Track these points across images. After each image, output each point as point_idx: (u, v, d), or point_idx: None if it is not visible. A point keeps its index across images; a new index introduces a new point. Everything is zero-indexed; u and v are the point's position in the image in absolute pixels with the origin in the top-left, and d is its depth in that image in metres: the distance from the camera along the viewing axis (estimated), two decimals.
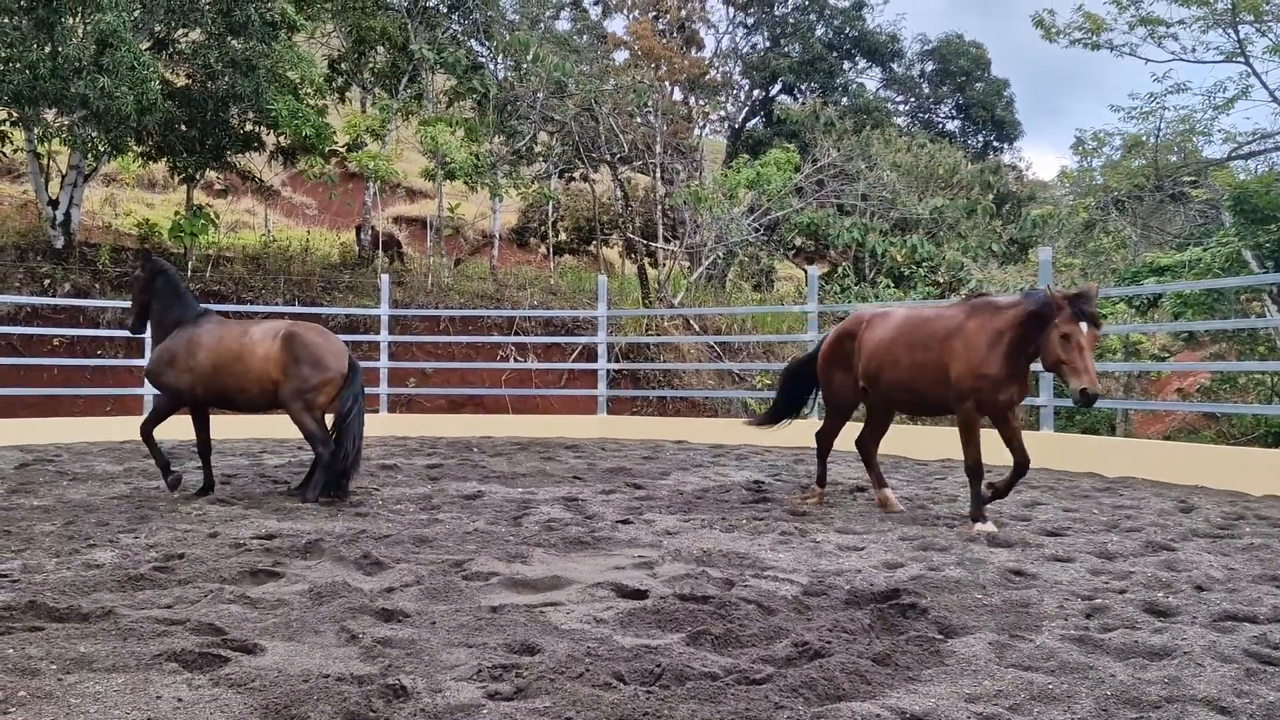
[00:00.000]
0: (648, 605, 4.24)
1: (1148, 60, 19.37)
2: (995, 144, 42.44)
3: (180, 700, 3.02)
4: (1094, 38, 18.96)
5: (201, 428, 7.78)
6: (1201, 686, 3.17)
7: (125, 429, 12.09)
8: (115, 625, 3.85)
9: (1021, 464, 6.54)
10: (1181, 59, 18.52)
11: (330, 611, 4.11)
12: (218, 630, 3.79)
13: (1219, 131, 19.83)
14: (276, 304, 19.83)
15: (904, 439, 11.20)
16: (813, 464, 9.80)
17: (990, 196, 27.65)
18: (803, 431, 12.25)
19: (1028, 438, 10.24)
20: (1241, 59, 17.77)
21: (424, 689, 3.13)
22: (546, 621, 3.98)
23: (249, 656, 3.50)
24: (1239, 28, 17.25)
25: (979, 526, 6.12)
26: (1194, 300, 17.21)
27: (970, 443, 6.59)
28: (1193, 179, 20.46)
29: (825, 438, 7.88)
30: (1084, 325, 5.73)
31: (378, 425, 13.49)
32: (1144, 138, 20.59)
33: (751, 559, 5.21)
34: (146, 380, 7.77)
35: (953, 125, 42.30)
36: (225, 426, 12.90)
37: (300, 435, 7.89)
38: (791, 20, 38.55)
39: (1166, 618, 4.06)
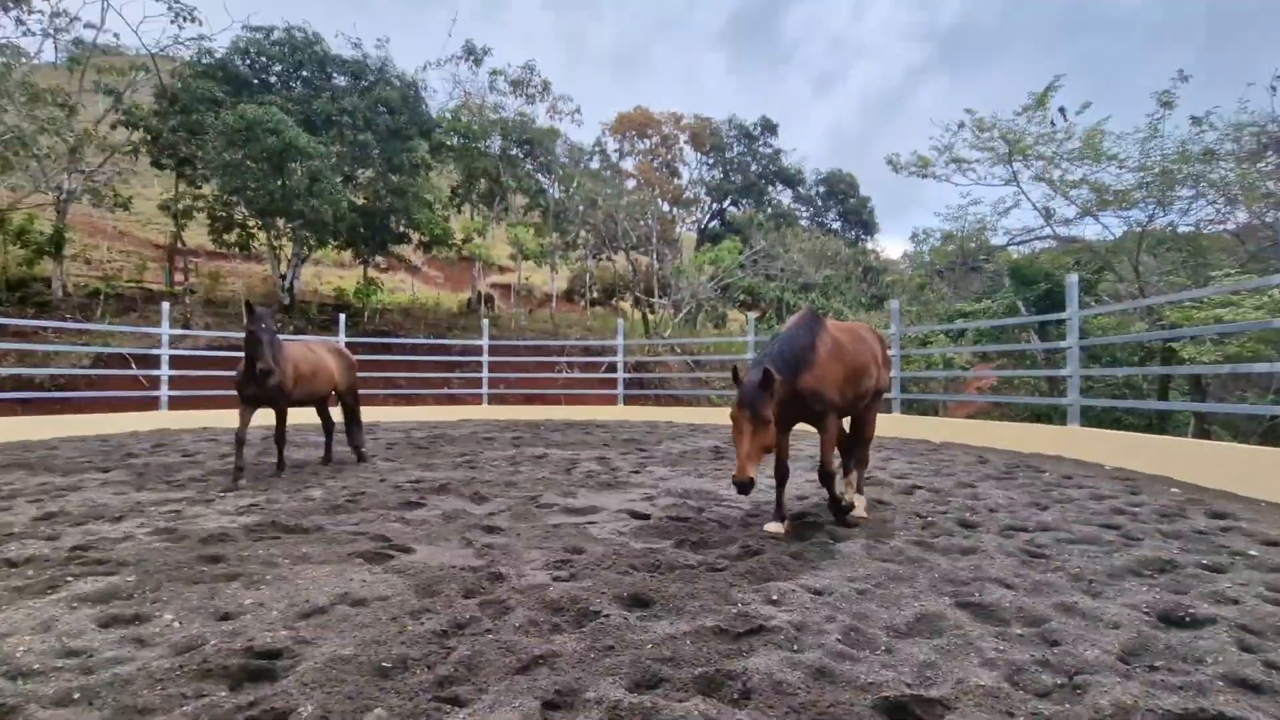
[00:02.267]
0: (650, 523, 4.25)
1: (957, 185, 19.40)
2: (863, 236, 42.44)
3: (364, 581, 3.04)
4: (923, 170, 18.97)
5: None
6: (994, 571, 3.17)
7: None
8: (323, 535, 3.88)
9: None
10: (977, 184, 18.52)
11: (455, 527, 4.13)
12: (386, 539, 3.81)
13: (1000, 228, 19.79)
14: (419, 337, 19.87)
15: None
16: None
17: (859, 269, 27.68)
18: None
19: (886, 419, 10.28)
20: (1014, 184, 17.78)
21: (513, 575, 3.15)
22: (588, 533, 3.99)
23: (405, 555, 3.52)
24: (1013, 164, 17.26)
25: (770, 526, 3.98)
26: (986, 332, 17.19)
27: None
28: (985, 257, 20.45)
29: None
30: (744, 410, 3.58)
31: (481, 412, 13.49)
32: (954, 232, 20.59)
33: (714, 494, 5.22)
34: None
35: (836, 224, 42.30)
36: (376, 414, 12.88)
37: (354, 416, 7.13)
38: (736, 160, 38.74)
39: (972, 529, 4.06)
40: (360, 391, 7.26)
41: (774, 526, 3.99)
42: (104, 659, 2.23)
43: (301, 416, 9.21)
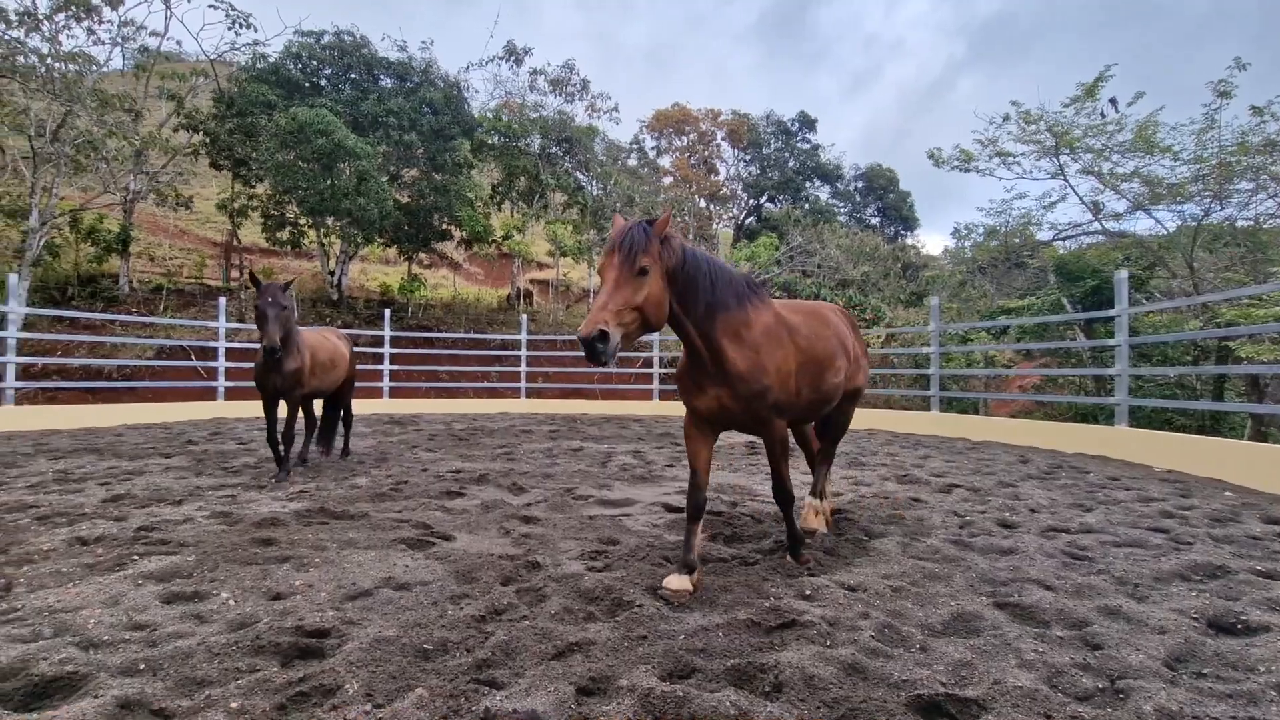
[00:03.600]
0: (683, 517, 4.26)
1: (1001, 179, 18.82)
2: (902, 231, 41.59)
3: (407, 566, 3.12)
4: (966, 164, 18.44)
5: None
6: (1034, 572, 3.09)
7: (370, 407, 12.40)
8: (368, 521, 3.99)
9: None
10: (1022, 178, 17.91)
11: (493, 517, 4.20)
12: (427, 526, 3.89)
13: (1046, 222, 19.12)
14: (460, 332, 20.20)
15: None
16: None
17: (898, 265, 27.10)
18: None
19: (925, 417, 10.07)
20: (1061, 177, 17.16)
21: (549, 564, 3.19)
22: (622, 525, 4.01)
23: (446, 542, 3.60)
24: (1060, 156, 16.66)
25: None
26: (1030, 330, 16.67)
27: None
28: (1029, 253, 19.81)
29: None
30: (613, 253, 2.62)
31: (519, 405, 13.65)
32: (998, 227, 19.99)
33: (748, 489, 5.19)
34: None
35: (875, 220, 41.52)
36: (419, 406, 13.14)
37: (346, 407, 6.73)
38: (773, 157, 38.26)
39: (1011, 529, 3.96)
40: (405, 384, 7.39)
41: (676, 581, 2.74)
42: (166, 633, 2.34)
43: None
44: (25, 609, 2.51)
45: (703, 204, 34.64)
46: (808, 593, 2.79)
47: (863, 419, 10.71)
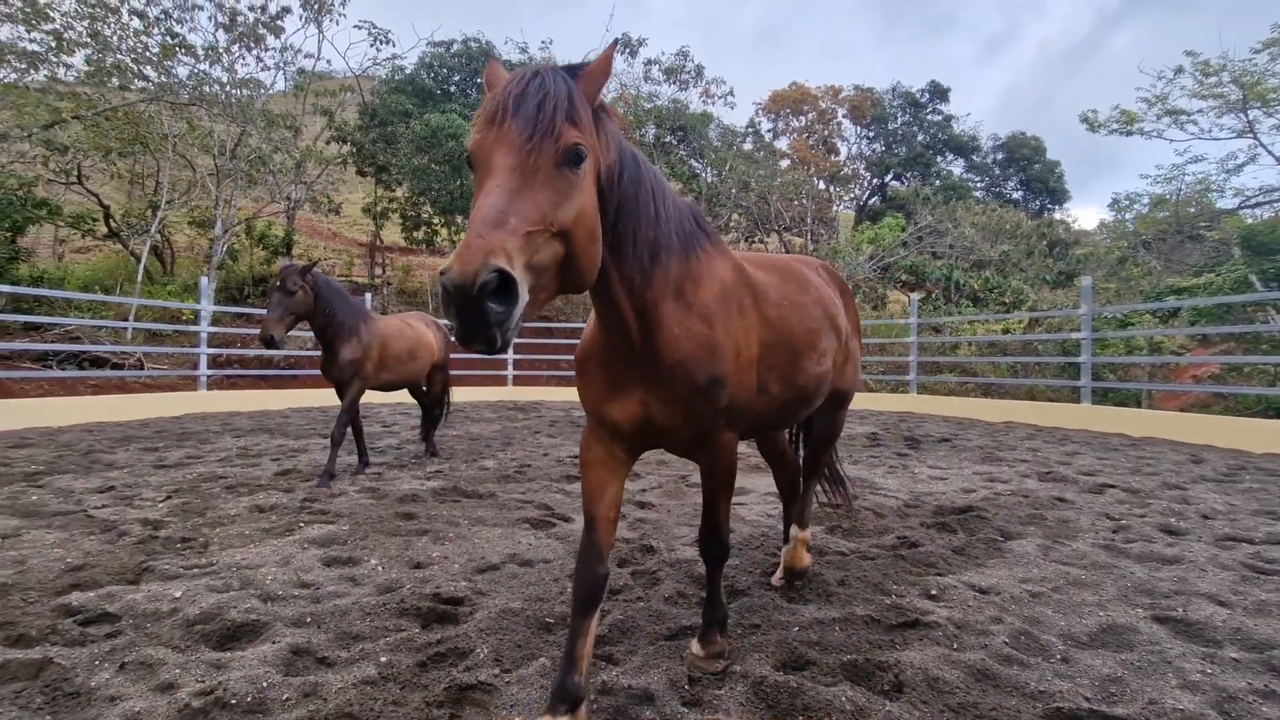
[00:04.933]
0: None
1: (1171, 141, 16.58)
2: (1049, 206, 37.80)
3: (530, 544, 3.31)
4: (1128, 127, 16.42)
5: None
6: (1205, 585, 2.75)
7: (494, 394, 13.12)
8: (495, 501, 4.26)
9: None
10: (1198, 138, 15.70)
11: None
12: (549, 508, 4.08)
13: (1229, 188, 16.64)
14: (578, 322, 20.88)
15: (973, 407, 10.28)
16: (914, 425, 9.17)
17: (1044, 243, 24.73)
18: (906, 401, 11.51)
19: (1074, 410, 9.15)
20: (1250, 135, 14.84)
21: (663, 548, 3.26)
22: (737, 514, 4.00)
23: (566, 523, 3.76)
24: (1248, 112, 14.41)
25: None
26: (1206, 311, 14.64)
27: None
28: (1207, 224, 17.35)
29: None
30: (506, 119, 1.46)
31: None
32: (1167, 196, 17.67)
33: (869, 482, 5.00)
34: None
35: (1017, 195, 38.06)
36: (540, 394, 13.70)
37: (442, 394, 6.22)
38: (900, 131, 36.05)
39: (1178, 536, 3.54)
40: (528, 373, 7.58)
41: None
42: (327, 592, 2.64)
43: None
44: (219, 564, 2.93)
45: (821, 185, 33.37)
46: (933, 592, 2.66)
47: (998, 410, 9.92)
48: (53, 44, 12.17)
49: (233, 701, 1.81)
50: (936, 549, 3.23)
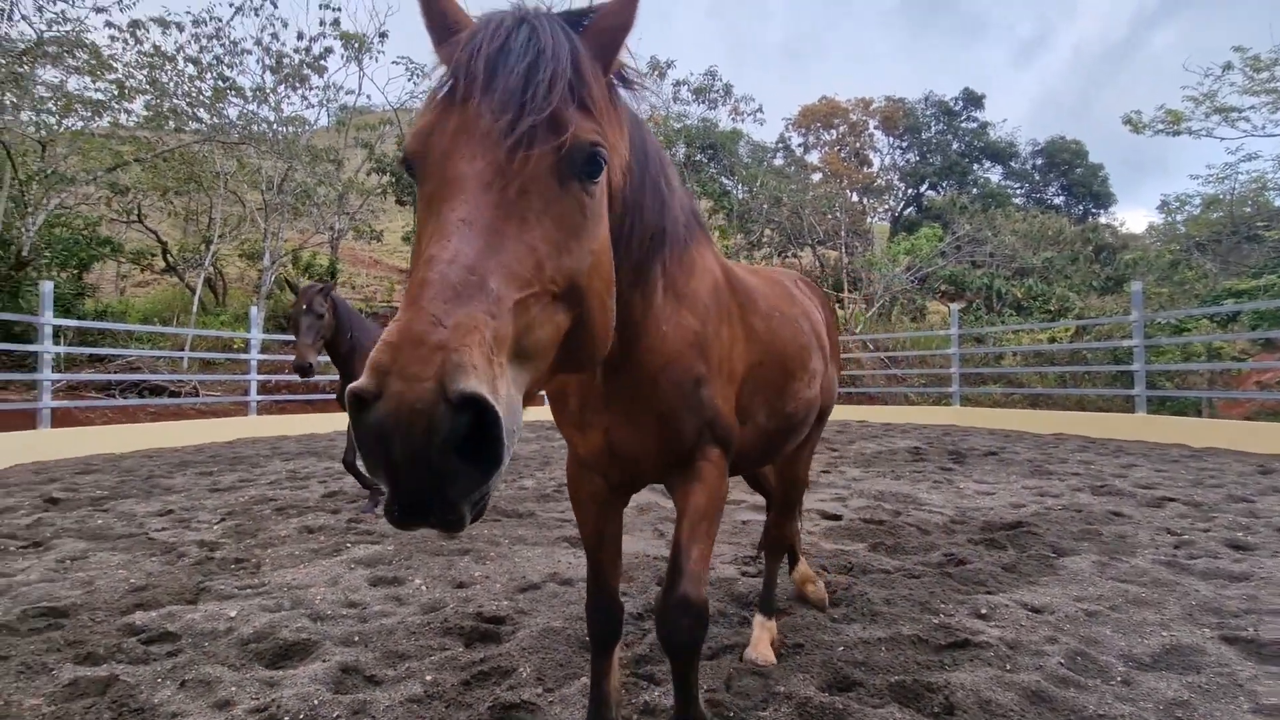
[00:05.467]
0: (841, 524, 4.11)
1: (1222, 139, 15.99)
2: (1093, 210, 36.71)
3: (569, 563, 3.32)
4: (1174, 127, 15.92)
5: None
6: (1279, 603, 2.60)
7: (531, 414, 13.24)
8: (535, 520, 4.30)
9: None
10: (1251, 135, 15.10)
11: (648, 519, 4.34)
12: None
13: None
14: None
15: (1020, 419, 9.96)
16: (958, 438, 8.94)
17: (1089, 248, 24.04)
18: (948, 414, 11.23)
19: (1127, 419, 8.79)
20: None
21: None
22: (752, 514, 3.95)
23: None
24: None
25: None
26: (1268, 314, 13.96)
27: None
28: (1264, 224, 16.61)
29: None
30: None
31: None
32: (1220, 196, 17.01)
33: (912, 498, 4.89)
34: None
35: (1058, 200, 37.09)
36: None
37: None
38: (934, 140, 35.61)
39: (1246, 551, 3.36)
40: None
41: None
42: (373, 611, 2.70)
43: None
44: (271, 584, 3.02)
45: (855, 198, 33.09)
46: (983, 611, 2.58)
47: (1047, 422, 9.60)
48: (115, 92, 12.94)
49: (286, 719, 1.86)
50: (985, 566, 3.14)
